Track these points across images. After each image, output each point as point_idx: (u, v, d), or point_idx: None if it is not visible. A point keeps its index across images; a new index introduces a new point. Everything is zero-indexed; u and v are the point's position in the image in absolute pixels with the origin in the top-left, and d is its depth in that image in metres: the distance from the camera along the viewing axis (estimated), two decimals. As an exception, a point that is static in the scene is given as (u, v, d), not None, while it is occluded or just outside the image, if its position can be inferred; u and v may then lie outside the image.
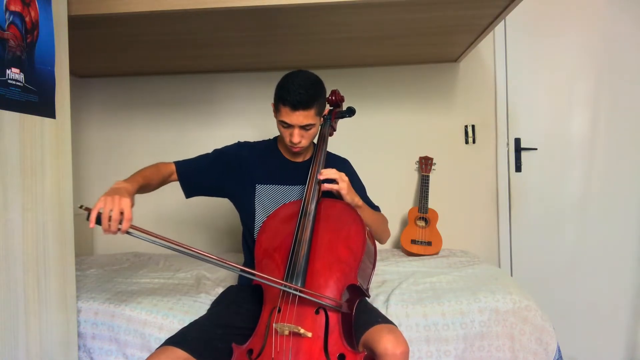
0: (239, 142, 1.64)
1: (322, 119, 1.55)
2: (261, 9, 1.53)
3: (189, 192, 1.55)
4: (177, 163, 1.53)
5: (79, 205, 1.18)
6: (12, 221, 1.21)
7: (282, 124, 1.44)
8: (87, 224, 1.13)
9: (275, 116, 1.48)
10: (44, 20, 1.33)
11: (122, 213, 1.14)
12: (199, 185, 1.55)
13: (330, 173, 1.41)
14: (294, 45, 2.05)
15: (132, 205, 1.19)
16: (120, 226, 1.14)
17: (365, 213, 1.48)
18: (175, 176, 1.51)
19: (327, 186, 1.41)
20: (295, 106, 1.37)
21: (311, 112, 1.41)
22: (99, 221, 1.13)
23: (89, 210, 1.13)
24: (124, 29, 1.76)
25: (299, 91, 1.37)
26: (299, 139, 1.44)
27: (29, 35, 1.28)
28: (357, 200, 1.45)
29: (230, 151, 1.59)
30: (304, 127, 1.43)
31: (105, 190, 2.74)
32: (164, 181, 1.49)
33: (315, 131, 1.49)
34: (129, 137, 2.62)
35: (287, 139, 1.47)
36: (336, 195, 1.50)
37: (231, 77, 2.57)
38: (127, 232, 1.16)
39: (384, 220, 1.62)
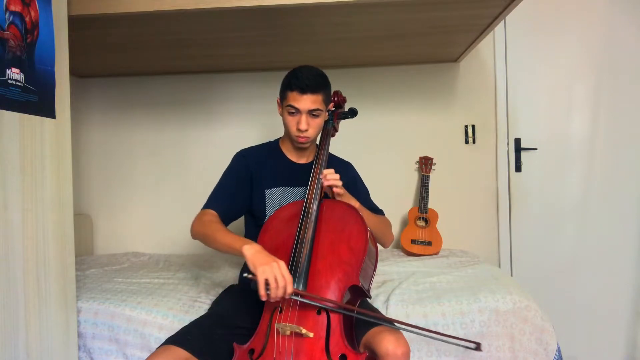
0: (238, 153, 1.60)
1: (327, 113, 1.55)
2: (261, 9, 1.53)
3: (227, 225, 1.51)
4: (215, 208, 1.46)
5: (243, 274, 1.21)
6: (12, 221, 1.20)
7: (289, 111, 1.45)
8: (88, 225, 1.12)
9: (282, 107, 1.49)
10: (44, 20, 1.33)
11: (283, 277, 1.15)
12: (236, 215, 1.54)
13: (334, 178, 1.41)
14: (294, 45, 2.04)
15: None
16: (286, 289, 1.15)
17: (364, 215, 1.47)
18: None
19: (327, 185, 1.42)
20: (304, 90, 1.41)
21: (319, 98, 1.44)
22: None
23: (255, 279, 1.15)
24: (124, 29, 1.76)
25: (307, 76, 1.43)
26: (306, 126, 1.44)
27: (29, 35, 1.27)
28: (352, 203, 1.46)
29: (237, 167, 1.56)
30: (312, 113, 1.44)
31: (103, 189, 2.73)
32: None
33: (320, 122, 1.49)
34: (129, 137, 2.62)
35: (293, 128, 1.47)
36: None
37: (231, 77, 2.57)
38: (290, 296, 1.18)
39: (387, 224, 1.62)
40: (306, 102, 1.42)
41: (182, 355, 1.16)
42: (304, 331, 1.14)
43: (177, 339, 1.22)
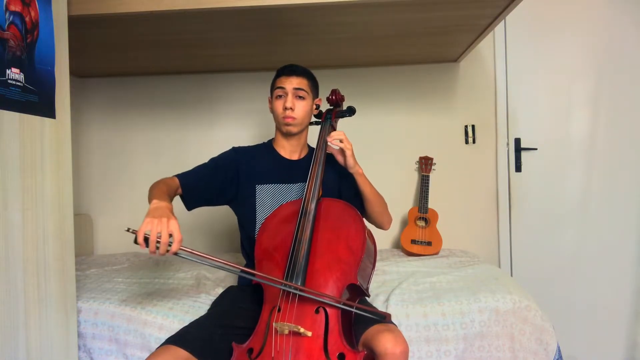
0: (233, 147, 1.64)
1: (314, 106, 1.60)
2: (261, 9, 1.54)
3: (192, 205, 1.52)
4: (179, 177, 1.49)
5: (125, 228, 1.14)
6: (12, 221, 1.21)
7: (278, 94, 1.53)
8: (88, 224, 1.13)
9: (271, 98, 1.56)
10: (44, 20, 1.33)
11: (170, 235, 1.12)
12: (203, 197, 1.54)
13: (338, 135, 1.49)
14: (294, 45, 2.05)
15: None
16: (169, 248, 1.12)
17: (367, 185, 1.53)
18: (179, 190, 1.48)
19: (333, 148, 1.49)
20: (290, 73, 1.53)
21: (304, 81, 1.54)
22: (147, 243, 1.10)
23: (135, 232, 1.11)
24: (124, 29, 1.76)
25: (294, 64, 1.56)
26: (291, 104, 1.51)
27: (29, 35, 1.28)
28: (357, 167, 1.51)
29: (228, 157, 1.60)
30: (297, 94, 1.52)
31: (103, 190, 2.74)
32: (174, 196, 1.46)
33: (306, 107, 1.55)
34: (129, 137, 2.62)
35: (280, 109, 1.53)
36: (337, 195, 1.51)
37: (231, 77, 2.57)
38: (175, 254, 1.13)
39: (385, 202, 1.62)
40: (292, 82, 1.52)
41: (182, 355, 1.17)
42: (302, 330, 1.14)
43: (177, 339, 1.22)
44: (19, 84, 1.23)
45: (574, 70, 2.46)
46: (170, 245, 1.12)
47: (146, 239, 1.11)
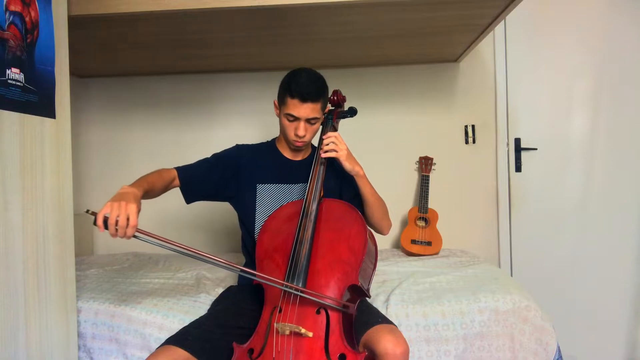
0: (237, 145, 1.65)
1: (323, 117, 1.56)
2: (261, 9, 1.53)
3: (190, 198, 1.53)
4: (178, 169, 1.50)
5: (85, 210, 1.16)
6: (12, 221, 1.20)
7: (288, 118, 1.46)
8: (88, 224, 1.13)
9: (280, 111, 1.50)
10: (44, 20, 1.33)
11: (128, 219, 1.13)
12: (201, 191, 1.54)
13: (328, 145, 1.45)
14: (294, 45, 2.05)
15: (139, 210, 1.18)
16: (126, 231, 1.13)
17: (367, 187, 1.50)
18: (177, 182, 1.48)
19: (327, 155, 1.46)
20: (305, 98, 1.41)
21: (318, 106, 1.45)
22: (106, 225, 1.12)
23: (95, 214, 1.13)
24: (124, 29, 1.76)
25: (308, 83, 1.42)
26: (304, 132, 1.46)
27: (29, 35, 1.27)
28: (357, 169, 1.48)
29: (230, 154, 1.60)
30: (310, 121, 1.46)
31: (103, 189, 2.75)
32: (167, 187, 1.46)
33: (318, 127, 1.51)
34: (129, 137, 2.62)
35: (291, 133, 1.48)
36: (338, 196, 1.51)
37: (231, 77, 2.57)
38: (134, 236, 1.15)
39: (386, 206, 1.61)
40: (306, 110, 1.43)
41: (182, 355, 1.16)
42: (303, 331, 1.14)
43: (177, 339, 1.22)
44: (19, 84, 1.23)
45: (573, 70, 2.46)
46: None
47: (106, 223, 1.12)
